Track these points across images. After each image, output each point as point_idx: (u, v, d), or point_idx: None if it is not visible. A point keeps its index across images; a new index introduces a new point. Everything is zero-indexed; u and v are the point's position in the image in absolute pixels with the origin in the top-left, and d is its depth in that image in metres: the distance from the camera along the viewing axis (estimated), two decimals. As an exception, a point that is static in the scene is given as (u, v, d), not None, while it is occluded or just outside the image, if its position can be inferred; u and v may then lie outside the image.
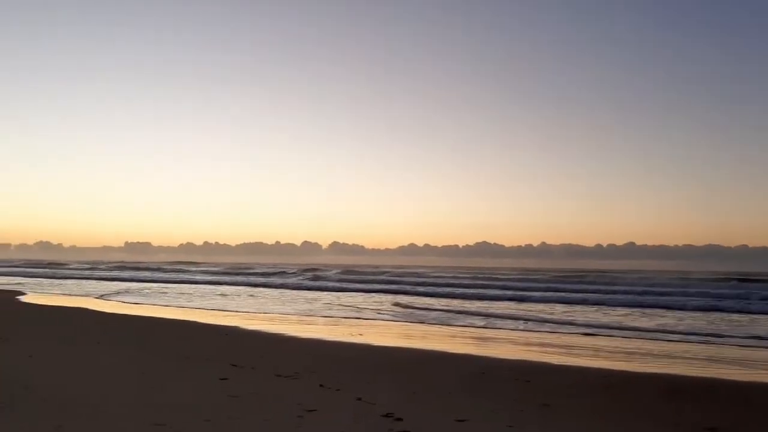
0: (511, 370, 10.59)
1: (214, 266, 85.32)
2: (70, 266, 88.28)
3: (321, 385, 8.25)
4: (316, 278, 51.49)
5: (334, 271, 63.40)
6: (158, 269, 73.87)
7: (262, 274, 59.69)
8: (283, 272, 61.90)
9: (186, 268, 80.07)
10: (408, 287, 38.62)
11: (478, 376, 9.87)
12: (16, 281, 42.69)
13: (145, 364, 9.83)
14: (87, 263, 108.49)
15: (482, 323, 19.43)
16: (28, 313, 20.53)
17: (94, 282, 46.72)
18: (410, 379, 9.35)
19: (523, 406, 7.68)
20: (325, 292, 36.51)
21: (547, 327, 18.56)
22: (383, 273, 60.55)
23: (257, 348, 12.70)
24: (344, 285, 42.20)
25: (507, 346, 14.26)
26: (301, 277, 53.24)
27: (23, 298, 26.89)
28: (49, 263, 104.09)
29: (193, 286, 43.17)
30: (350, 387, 8.25)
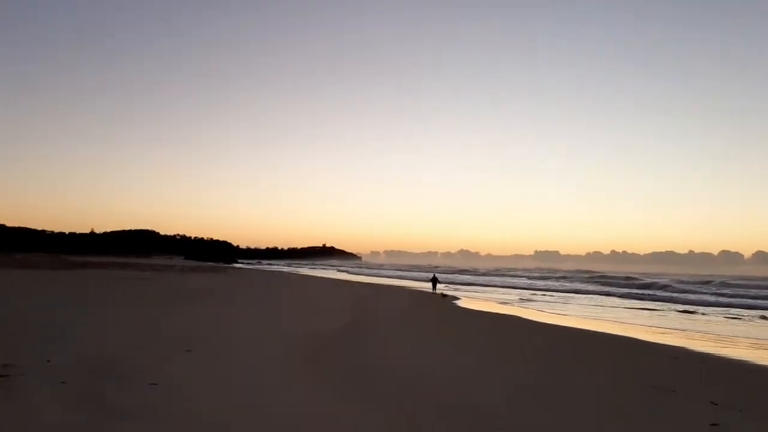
0: None
1: (601, 275, 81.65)
2: (478, 272, 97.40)
3: None
4: (683, 290, 44.40)
5: (717, 281, 53.62)
6: (562, 277, 74.78)
7: (642, 285, 53.78)
8: (658, 283, 54.70)
9: (577, 276, 79.03)
10: None
11: None
12: (447, 286, 48.57)
13: (606, 391, 8.81)
14: (493, 270, 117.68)
15: None
16: (469, 319, 22.42)
17: (504, 289, 49.75)
18: None
19: None
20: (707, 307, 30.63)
21: None
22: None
23: (726, 379, 10.45)
24: (724, 299, 35.52)
25: None
26: (672, 290, 46.55)
27: (459, 303, 29.93)
28: (464, 270, 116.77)
29: (586, 296, 41.69)
30: None
